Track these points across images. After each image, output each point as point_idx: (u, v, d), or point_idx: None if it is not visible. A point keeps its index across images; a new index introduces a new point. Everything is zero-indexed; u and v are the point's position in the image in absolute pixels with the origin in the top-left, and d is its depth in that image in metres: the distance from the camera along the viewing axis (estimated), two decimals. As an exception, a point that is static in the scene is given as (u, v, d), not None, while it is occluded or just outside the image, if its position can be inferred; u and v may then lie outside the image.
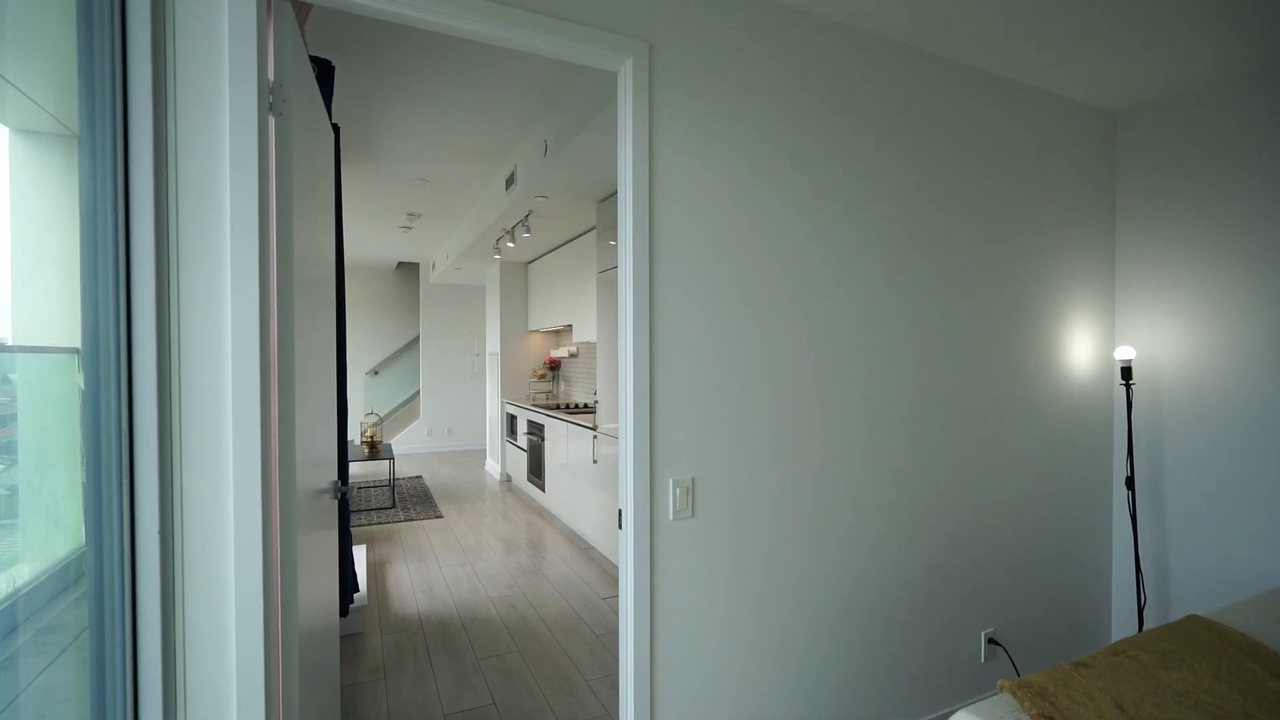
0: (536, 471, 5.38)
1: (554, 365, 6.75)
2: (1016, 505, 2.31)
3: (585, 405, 5.54)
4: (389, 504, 5.53)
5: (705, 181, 1.68)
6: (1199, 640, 1.57)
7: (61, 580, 1.39)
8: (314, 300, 1.61)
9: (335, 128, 2.32)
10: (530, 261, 6.58)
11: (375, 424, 6.10)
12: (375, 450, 5.55)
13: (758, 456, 1.77)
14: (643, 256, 1.59)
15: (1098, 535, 2.56)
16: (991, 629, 2.24)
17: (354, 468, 7.29)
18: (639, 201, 1.58)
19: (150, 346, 1.11)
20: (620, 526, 1.62)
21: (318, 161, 1.67)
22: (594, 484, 4.07)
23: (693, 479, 1.67)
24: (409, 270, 8.80)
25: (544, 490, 5.18)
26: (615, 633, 2.97)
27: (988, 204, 2.22)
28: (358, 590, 2.95)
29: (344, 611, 2.63)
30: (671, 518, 1.63)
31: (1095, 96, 2.41)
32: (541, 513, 5.27)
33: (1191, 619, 1.71)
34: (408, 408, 8.88)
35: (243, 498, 1.18)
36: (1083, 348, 2.50)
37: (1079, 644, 2.50)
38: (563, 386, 6.68)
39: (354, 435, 8.27)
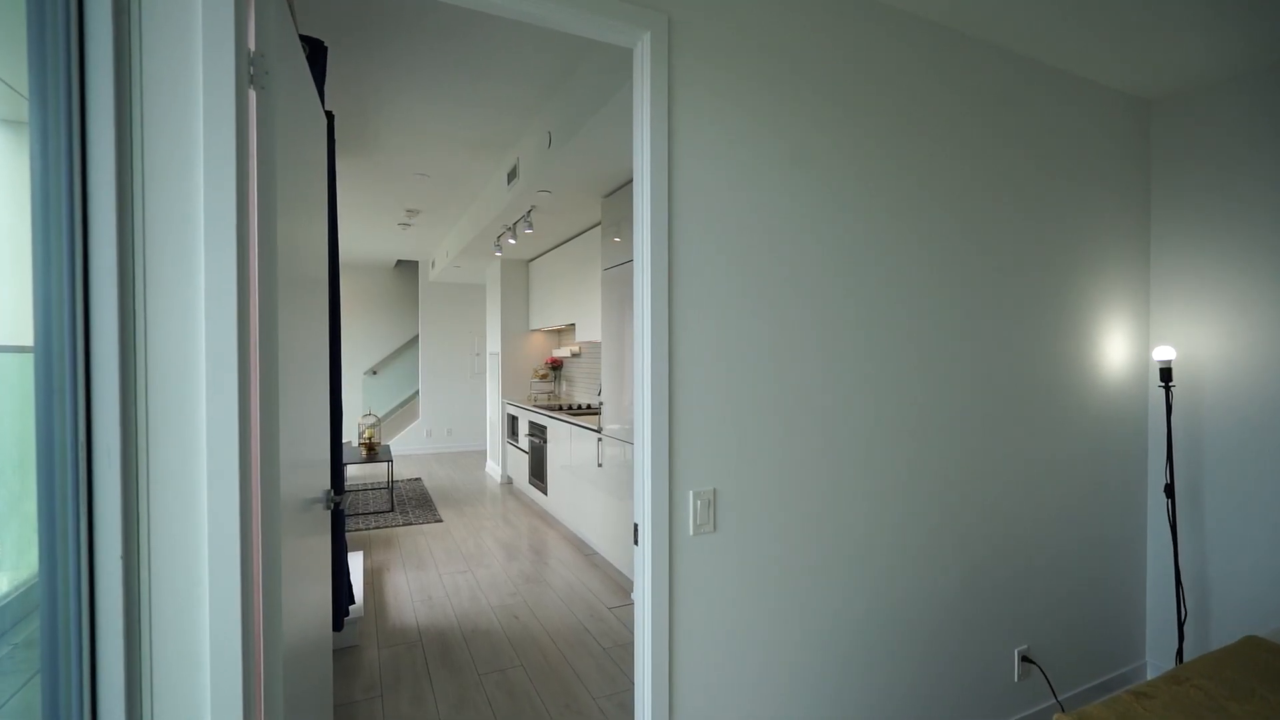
0: (538, 474, 5.25)
1: (556, 365, 6.62)
2: (1046, 513, 2.18)
3: (589, 406, 5.40)
4: (387, 507, 5.40)
5: (721, 174, 1.55)
6: (1266, 666, 1.44)
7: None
8: (304, 297, 1.48)
9: (329, 115, 2.19)
10: (532, 259, 6.45)
11: (373, 425, 5.97)
12: (373, 452, 5.42)
13: (779, 466, 1.64)
14: (661, 250, 1.46)
15: (1132, 545, 2.43)
16: (1025, 646, 2.11)
17: (351, 470, 7.15)
18: (657, 190, 1.45)
19: (112, 347, 0.98)
20: (636, 542, 1.49)
21: (308, 147, 1.54)
22: (598, 487, 3.94)
23: (714, 490, 1.54)
24: (408, 268, 8.66)
25: (546, 494, 5.05)
26: (623, 646, 2.84)
27: (1017, 199, 2.09)
28: (353, 602, 2.82)
29: (338, 625, 2.49)
30: (692, 533, 1.50)
31: (1128, 82, 2.28)
32: (544, 516, 5.14)
33: (1251, 641, 1.59)
34: (406, 408, 8.75)
35: (219, 514, 1.05)
36: (1116, 348, 2.36)
37: (1113, 660, 2.38)
38: (565, 387, 6.55)
39: (351, 437, 8.14)
